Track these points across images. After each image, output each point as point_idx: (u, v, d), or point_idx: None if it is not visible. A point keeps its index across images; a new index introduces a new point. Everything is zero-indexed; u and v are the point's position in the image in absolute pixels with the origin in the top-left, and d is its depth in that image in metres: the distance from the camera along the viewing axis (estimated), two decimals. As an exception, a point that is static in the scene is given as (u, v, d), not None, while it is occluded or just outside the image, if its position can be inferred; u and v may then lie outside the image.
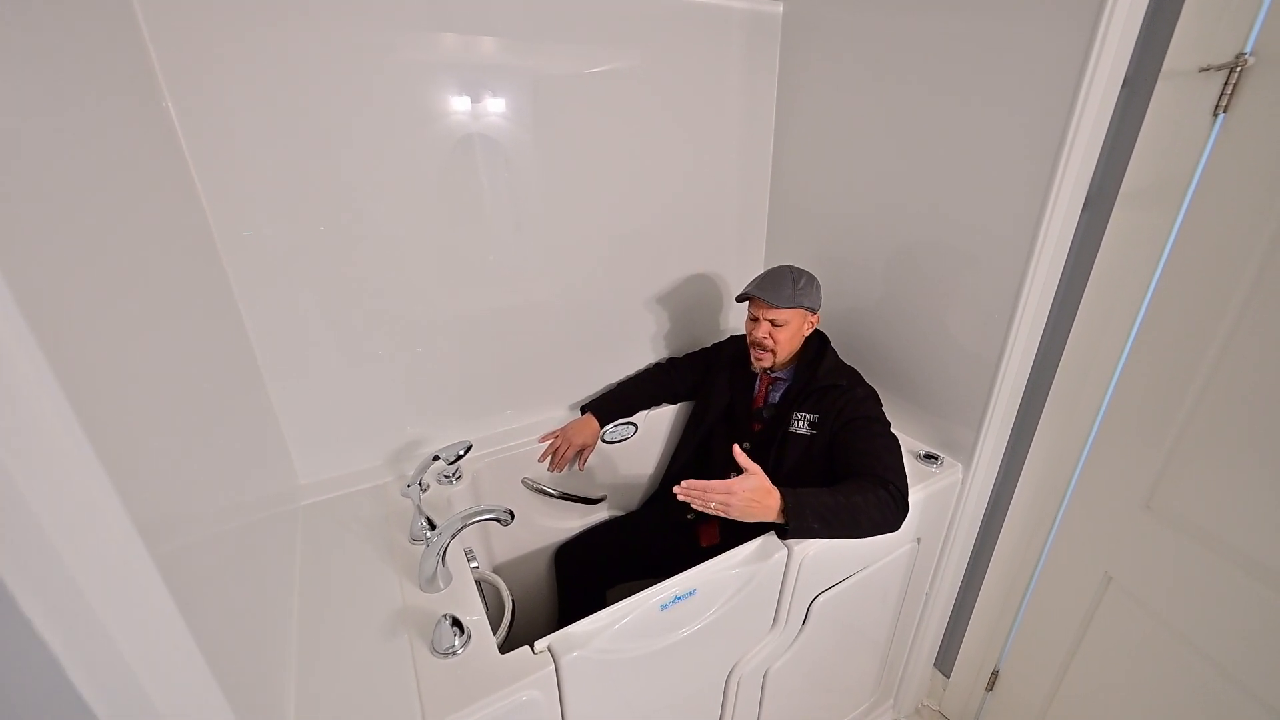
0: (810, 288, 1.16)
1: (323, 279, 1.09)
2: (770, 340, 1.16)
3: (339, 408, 1.19)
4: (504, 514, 0.92)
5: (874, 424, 1.09)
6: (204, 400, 0.72)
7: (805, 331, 1.19)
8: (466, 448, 1.10)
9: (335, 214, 1.06)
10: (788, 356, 1.19)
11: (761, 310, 1.16)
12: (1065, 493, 1.16)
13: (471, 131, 1.14)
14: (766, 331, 1.16)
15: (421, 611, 0.87)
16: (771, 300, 1.12)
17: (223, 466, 0.73)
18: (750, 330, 1.20)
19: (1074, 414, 1.12)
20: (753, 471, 0.93)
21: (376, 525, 1.06)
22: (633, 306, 1.50)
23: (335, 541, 1.03)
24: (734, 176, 1.50)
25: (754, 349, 1.20)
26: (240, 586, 0.68)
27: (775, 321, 1.15)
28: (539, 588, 1.48)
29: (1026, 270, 1.02)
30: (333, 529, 1.06)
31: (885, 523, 0.97)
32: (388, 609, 0.88)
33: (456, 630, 0.80)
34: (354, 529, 1.06)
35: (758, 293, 1.14)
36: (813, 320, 1.19)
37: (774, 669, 1.10)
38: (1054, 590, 1.22)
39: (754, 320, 1.19)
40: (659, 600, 0.89)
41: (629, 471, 1.54)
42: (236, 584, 0.67)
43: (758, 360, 1.20)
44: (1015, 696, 1.37)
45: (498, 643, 0.83)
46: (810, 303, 1.16)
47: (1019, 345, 1.09)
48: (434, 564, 0.89)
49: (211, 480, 0.68)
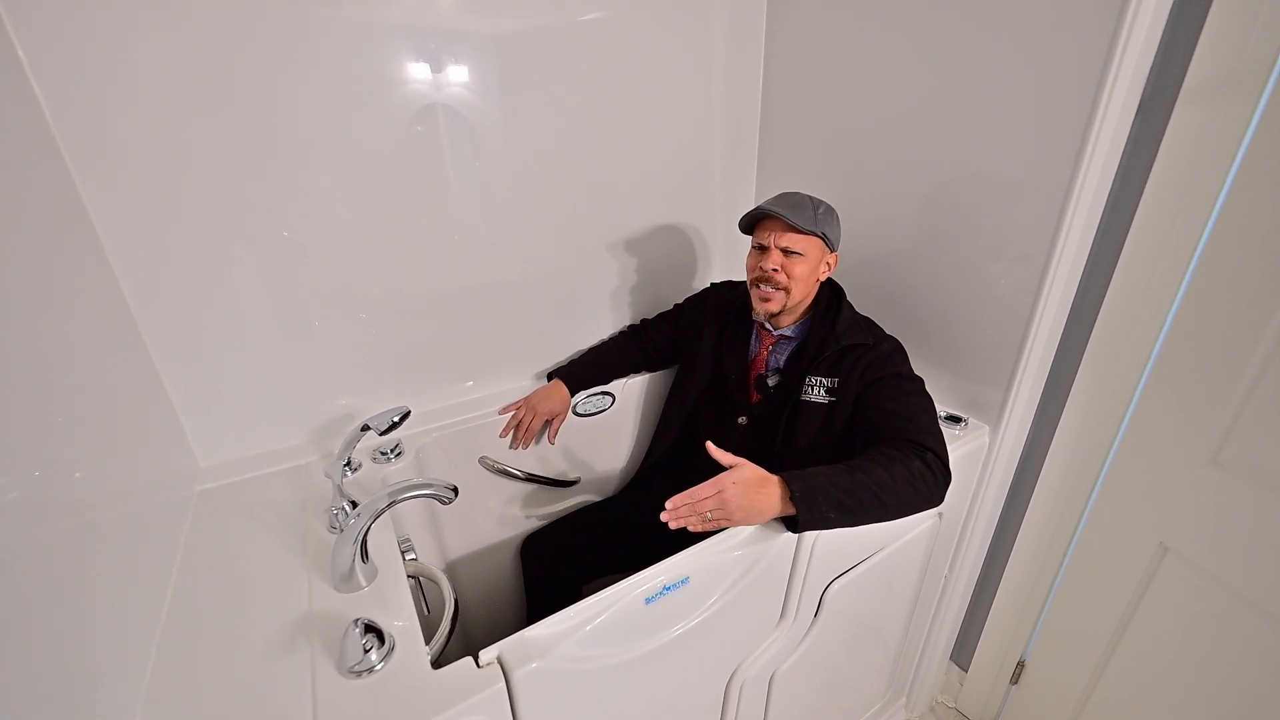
0: (831, 218, 0.97)
1: (240, 239, 0.90)
2: (783, 275, 0.95)
3: (254, 379, 0.97)
4: (444, 490, 0.72)
5: (904, 381, 0.92)
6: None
7: (821, 274, 1.00)
8: (402, 414, 0.89)
9: (260, 174, 0.88)
10: (800, 301, 0.99)
11: (774, 235, 0.94)
12: (1107, 454, 1.01)
13: (434, 101, 0.98)
14: (779, 262, 0.94)
15: (334, 618, 0.67)
16: (790, 218, 0.91)
17: (42, 453, 0.52)
18: (755, 264, 0.98)
19: (1119, 361, 0.96)
20: (737, 464, 0.78)
21: (290, 513, 0.85)
22: (610, 266, 1.31)
23: (233, 534, 0.82)
24: (718, 113, 1.32)
25: (758, 289, 0.98)
26: (61, 606, 0.47)
27: (790, 250, 0.94)
28: (503, 587, 1.27)
29: (1069, 196, 0.86)
30: (233, 519, 0.85)
31: (921, 498, 0.80)
32: (287, 616, 0.67)
33: (374, 640, 0.60)
34: (260, 518, 0.84)
35: (773, 208, 0.93)
36: (830, 261, 1.00)
37: (782, 670, 0.92)
38: (1093, 567, 1.07)
39: (760, 250, 0.98)
40: (643, 592, 0.70)
41: (606, 450, 1.35)
42: (54, 602, 0.46)
43: (763, 302, 0.98)
44: (1045, 689, 1.22)
45: (431, 655, 0.63)
46: (831, 234, 0.96)
47: (1057, 287, 0.93)
48: (350, 556, 0.69)
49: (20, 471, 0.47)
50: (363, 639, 0.58)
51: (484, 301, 1.17)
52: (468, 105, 1.02)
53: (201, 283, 0.89)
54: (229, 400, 0.96)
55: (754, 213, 0.97)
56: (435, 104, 0.99)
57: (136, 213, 0.81)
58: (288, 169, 0.90)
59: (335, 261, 0.98)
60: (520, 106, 1.07)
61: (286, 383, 1.00)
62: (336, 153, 0.93)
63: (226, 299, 0.91)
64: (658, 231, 1.35)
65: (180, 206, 0.84)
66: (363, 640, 0.58)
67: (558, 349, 1.31)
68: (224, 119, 0.83)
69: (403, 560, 0.77)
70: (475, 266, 1.13)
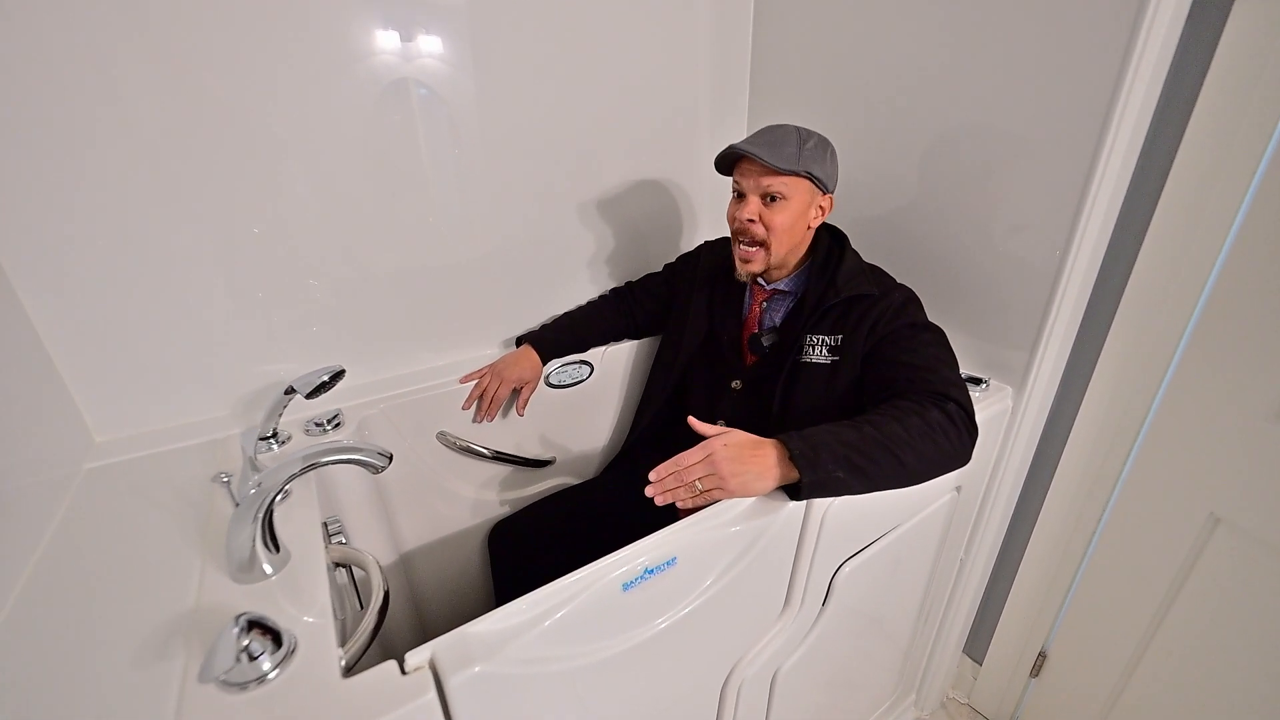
0: (821, 152, 0.83)
1: (147, 187, 0.76)
2: (760, 227, 0.82)
3: (169, 340, 0.83)
4: (374, 455, 0.58)
5: (920, 331, 0.79)
6: None
7: (813, 220, 0.86)
8: (333, 373, 0.75)
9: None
10: (788, 255, 0.86)
11: (750, 178, 0.82)
12: (1145, 416, 0.90)
13: (403, 65, 0.88)
14: (755, 211, 0.82)
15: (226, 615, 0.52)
16: (765, 158, 0.78)
17: None
18: (732, 214, 0.86)
19: (1159, 313, 0.85)
20: (725, 431, 0.67)
21: (193, 492, 0.70)
22: (591, 228, 1.18)
23: (118, 518, 0.67)
24: (703, 55, 1.19)
25: (737, 243, 0.86)
26: None
27: (770, 194, 0.81)
28: (468, 582, 1.13)
29: (1103, 135, 0.75)
30: (123, 500, 0.70)
31: (944, 454, 0.68)
32: (165, 614, 0.52)
33: (268, 643, 0.46)
34: (156, 498, 0.70)
35: (747, 147, 0.80)
36: (824, 204, 0.86)
37: (786, 668, 0.79)
38: (1129, 543, 0.96)
39: (738, 198, 0.85)
40: (620, 576, 0.56)
41: (585, 427, 1.21)
42: None
43: (743, 263, 0.86)
44: (1069, 682, 1.11)
45: (345, 659, 0.49)
46: (821, 172, 0.82)
47: (1090, 232, 0.82)
48: (249, 538, 0.55)
49: None
50: (243, 641, 0.43)
51: (453, 267, 1.03)
52: (437, 68, 0.90)
53: (100, 233, 0.74)
54: (136, 366, 0.81)
55: (726, 152, 0.83)
56: (404, 66, 0.87)
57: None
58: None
59: (281, 217, 0.85)
60: (492, 65, 0.95)
61: (210, 347, 0.86)
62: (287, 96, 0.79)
63: (133, 250, 0.77)
64: (642, 191, 1.21)
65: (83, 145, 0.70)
66: (244, 643, 0.44)
67: (533, 317, 1.17)
68: (163, 72, 0.71)
69: (325, 544, 0.63)
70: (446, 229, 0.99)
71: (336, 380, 0.75)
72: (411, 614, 1.04)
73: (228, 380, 0.89)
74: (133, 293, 0.78)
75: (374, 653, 0.81)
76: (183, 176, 0.77)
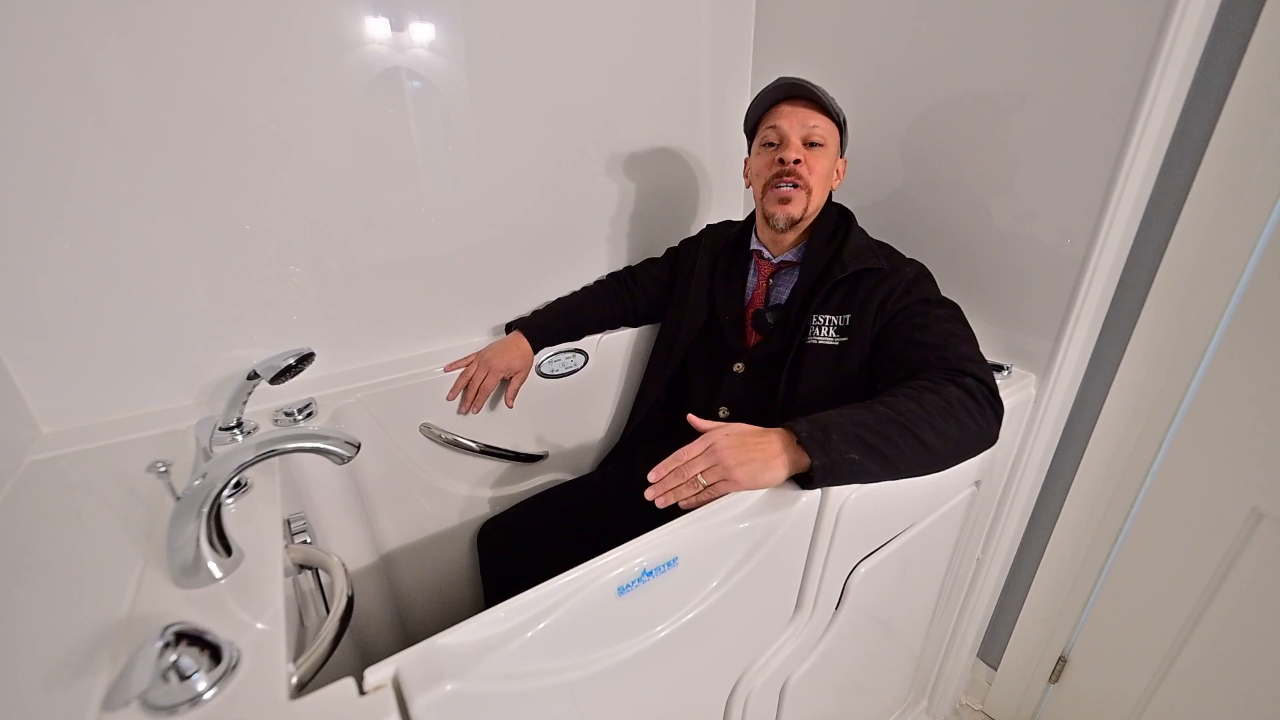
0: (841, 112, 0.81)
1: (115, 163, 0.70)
2: (804, 168, 0.77)
3: (126, 325, 0.77)
4: (339, 444, 0.51)
5: (934, 307, 0.74)
6: None
7: (833, 182, 0.83)
8: (301, 356, 0.68)
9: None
10: (814, 210, 0.82)
11: (793, 118, 0.77)
12: (1179, 405, 0.84)
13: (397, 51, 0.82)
14: (801, 151, 0.77)
15: (163, 622, 0.46)
16: (821, 93, 0.76)
17: None
18: (770, 159, 0.79)
19: (1195, 294, 0.79)
20: (722, 425, 0.62)
21: (144, 487, 0.64)
22: (586, 215, 1.12)
23: (60, 514, 0.60)
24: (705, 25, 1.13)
25: (778, 189, 0.79)
26: None
27: (812, 138, 0.77)
28: (455, 585, 1.06)
29: (1142, 96, 0.69)
30: (65, 495, 0.63)
31: (968, 434, 0.62)
32: (94, 623, 0.46)
33: (204, 659, 0.40)
34: (102, 494, 0.63)
35: (802, 80, 0.76)
36: (840, 167, 0.83)
37: (796, 677, 0.73)
38: (1160, 541, 0.90)
39: (770, 145, 0.80)
40: (615, 578, 0.50)
41: (580, 420, 1.14)
42: None
43: (782, 205, 0.79)
44: (1092, 689, 1.05)
45: (299, 675, 0.43)
46: (847, 127, 0.82)
47: (1122, 210, 0.76)
48: (193, 536, 0.48)
49: None
50: (169, 657, 0.37)
51: (444, 253, 0.98)
52: (428, 57, 0.85)
53: (53, 211, 0.68)
54: (91, 351, 0.75)
55: (776, 85, 0.78)
56: (396, 56, 0.81)
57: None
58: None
59: (258, 198, 0.80)
60: (484, 49, 0.90)
61: (175, 332, 0.79)
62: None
63: (92, 231, 0.71)
64: (641, 172, 1.15)
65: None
66: (170, 659, 0.37)
67: (526, 304, 1.10)
68: (139, 55, 0.66)
69: (286, 542, 0.56)
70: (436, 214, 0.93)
71: (305, 364, 0.69)
72: (394, 622, 0.98)
73: (193, 367, 0.82)
74: (87, 273, 0.72)
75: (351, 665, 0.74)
76: (149, 155, 0.72)
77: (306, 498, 0.79)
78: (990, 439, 0.64)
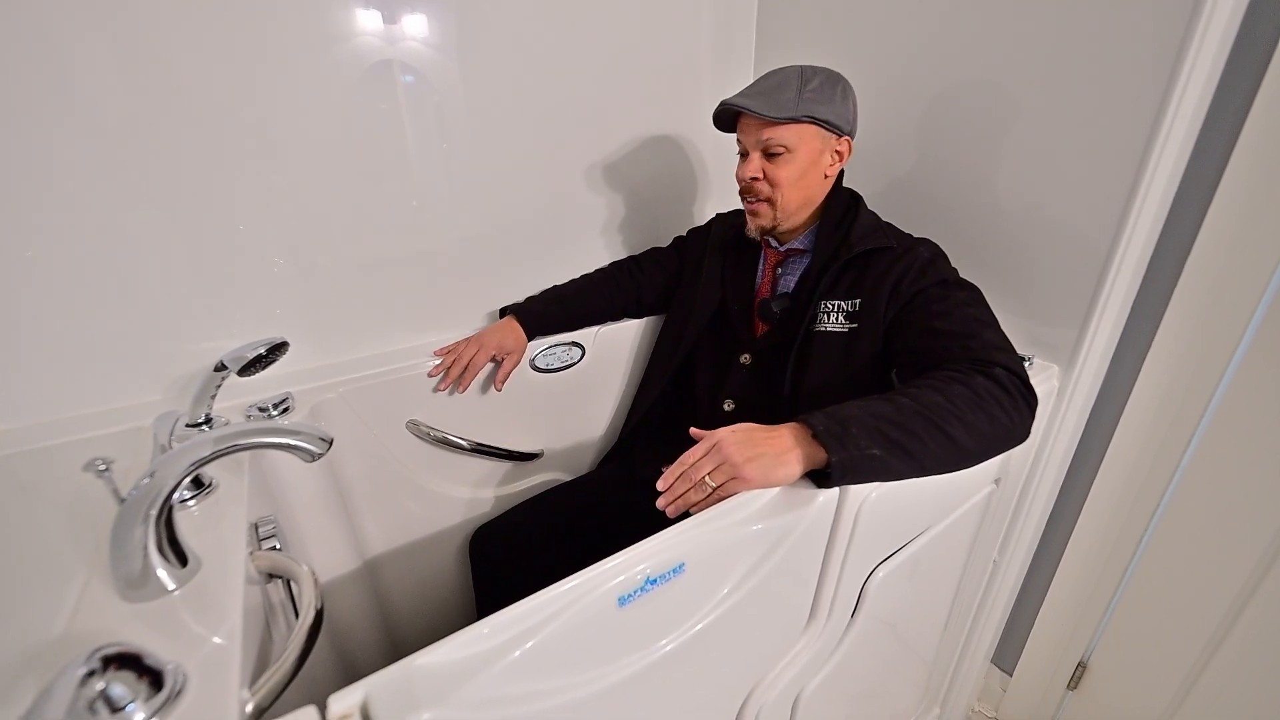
0: (829, 91, 0.73)
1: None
2: (764, 184, 0.75)
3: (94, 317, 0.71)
4: (308, 439, 0.46)
5: (954, 290, 0.69)
6: None
7: (829, 168, 0.77)
8: (272, 345, 0.63)
9: None
10: (800, 208, 0.77)
11: (748, 133, 0.75)
12: (1210, 399, 0.79)
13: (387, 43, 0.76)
14: (758, 169, 0.75)
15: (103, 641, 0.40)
16: (758, 110, 0.71)
17: None
18: (738, 173, 0.78)
19: (1228, 283, 0.74)
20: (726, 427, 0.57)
21: (96, 490, 0.58)
22: (583, 208, 1.06)
23: (1, 519, 0.55)
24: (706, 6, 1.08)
25: (745, 203, 0.79)
26: None
27: (770, 149, 0.73)
28: (445, 593, 1.01)
29: (1175, 77, 0.65)
30: (13, 499, 0.58)
31: (998, 427, 0.57)
32: (24, 643, 0.40)
33: (141, 686, 0.34)
34: (48, 496, 0.58)
35: (738, 101, 0.72)
36: (840, 148, 0.76)
37: (810, 690, 0.68)
38: (1189, 541, 0.85)
39: (742, 156, 0.78)
40: (616, 587, 0.45)
41: (577, 417, 1.09)
42: None
43: (751, 216, 0.79)
44: (1113, 697, 1.00)
45: (256, 699, 0.38)
46: (830, 114, 0.72)
47: (1152, 196, 0.71)
48: (140, 544, 0.43)
49: None
50: (96, 686, 0.31)
51: (437, 246, 0.93)
52: (421, 50, 0.81)
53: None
54: (44, 341, 0.69)
55: (719, 110, 0.76)
56: (388, 48, 0.77)
57: None
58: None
59: (238, 186, 0.75)
60: (479, 36, 0.85)
61: (143, 323, 0.74)
62: None
63: (61, 217, 0.65)
64: (643, 159, 1.10)
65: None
66: (98, 687, 0.32)
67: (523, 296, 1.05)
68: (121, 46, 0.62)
69: (252, 549, 0.51)
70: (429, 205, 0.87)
71: (277, 354, 0.63)
72: (379, 634, 0.92)
73: (162, 360, 0.77)
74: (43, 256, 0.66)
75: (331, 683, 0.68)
76: (123, 138, 0.67)
77: (281, 500, 0.73)
78: (1023, 434, 0.59)
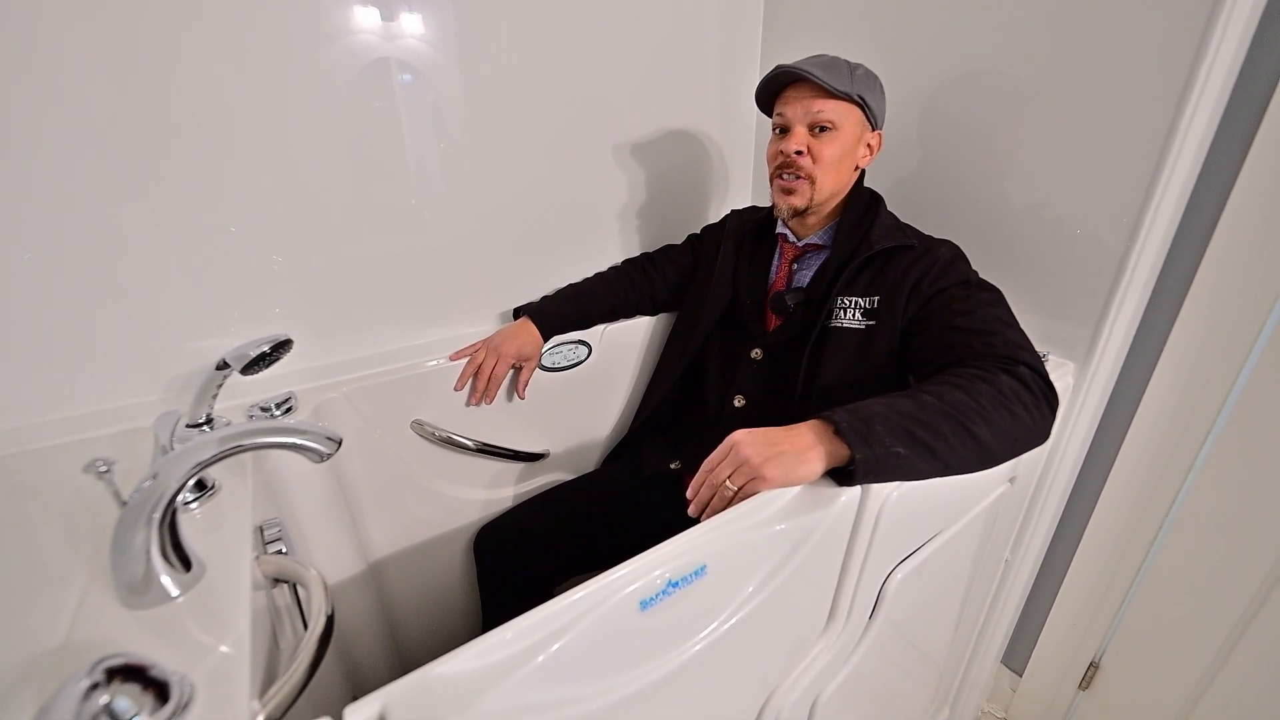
0: (872, 82, 0.74)
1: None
2: (807, 159, 0.72)
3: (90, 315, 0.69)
4: (317, 439, 0.44)
5: (975, 290, 0.68)
6: None
7: (861, 159, 0.76)
8: (276, 343, 0.61)
9: None
10: (831, 195, 0.76)
11: (796, 104, 0.72)
12: (1227, 396, 0.78)
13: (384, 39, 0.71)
14: (803, 143, 0.72)
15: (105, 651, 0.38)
16: (820, 76, 0.68)
17: None
18: (776, 149, 0.75)
19: (1245, 280, 0.73)
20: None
21: (93, 493, 0.56)
22: (591, 205, 1.05)
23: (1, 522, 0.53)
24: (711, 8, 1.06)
25: (780, 179, 0.76)
26: None
27: (819, 124, 0.71)
28: (450, 595, 0.99)
29: (1195, 72, 0.64)
30: (8, 502, 0.56)
31: (1022, 426, 0.56)
32: (21, 653, 0.39)
33: (147, 699, 0.33)
34: (46, 500, 0.56)
35: (805, 66, 0.70)
36: (872, 141, 0.76)
37: (828, 693, 0.66)
38: (1205, 540, 0.84)
39: (781, 132, 0.75)
40: (636, 591, 0.43)
41: (585, 415, 1.07)
42: None
43: (785, 195, 0.76)
44: (1126, 697, 0.99)
45: (268, 710, 0.36)
46: (874, 103, 0.73)
47: (1170, 192, 0.71)
48: (142, 549, 0.41)
49: None
50: (97, 699, 0.30)
51: (440, 242, 0.91)
52: (419, 47, 0.79)
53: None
54: (42, 341, 0.67)
55: (773, 76, 0.73)
56: (386, 46, 0.74)
57: None
58: None
59: (239, 188, 0.73)
60: (477, 30, 0.83)
61: (142, 321, 0.72)
62: None
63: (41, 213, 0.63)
64: (650, 153, 1.08)
65: None
66: (101, 700, 0.30)
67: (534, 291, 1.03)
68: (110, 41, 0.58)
69: (257, 553, 0.49)
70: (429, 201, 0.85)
71: (281, 352, 0.62)
72: (384, 638, 0.90)
73: (162, 359, 0.74)
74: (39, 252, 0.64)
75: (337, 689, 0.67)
76: (118, 135, 0.64)
77: (285, 502, 0.72)
78: (1044, 434, 0.58)
